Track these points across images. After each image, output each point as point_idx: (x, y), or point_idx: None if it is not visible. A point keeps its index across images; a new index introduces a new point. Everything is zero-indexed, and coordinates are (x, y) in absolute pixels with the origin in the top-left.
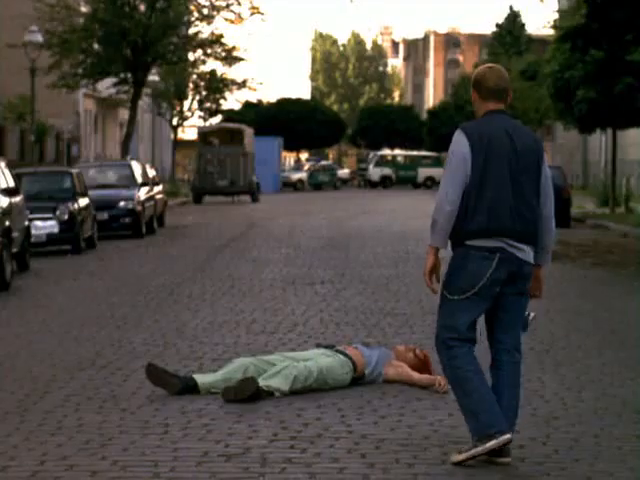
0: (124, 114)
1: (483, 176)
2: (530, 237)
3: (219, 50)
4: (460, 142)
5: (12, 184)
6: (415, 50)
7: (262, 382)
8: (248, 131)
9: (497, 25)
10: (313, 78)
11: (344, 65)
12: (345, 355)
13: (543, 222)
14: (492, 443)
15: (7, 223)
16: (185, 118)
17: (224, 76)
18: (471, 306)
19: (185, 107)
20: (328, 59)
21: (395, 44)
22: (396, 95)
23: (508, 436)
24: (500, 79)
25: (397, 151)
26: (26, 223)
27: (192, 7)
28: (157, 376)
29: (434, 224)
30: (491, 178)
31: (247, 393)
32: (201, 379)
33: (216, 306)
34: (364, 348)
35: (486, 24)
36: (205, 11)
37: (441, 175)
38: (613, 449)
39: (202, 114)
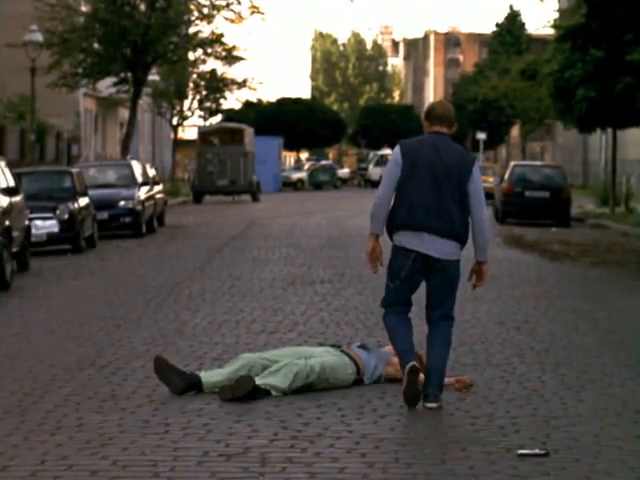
0: (124, 114)
1: (408, 179)
2: (450, 233)
3: (219, 49)
4: (395, 152)
5: (12, 183)
6: (415, 50)
7: (259, 380)
8: (248, 131)
9: (497, 25)
10: (313, 78)
11: (344, 65)
12: (350, 357)
13: (475, 226)
14: (405, 369)
15: (7, 223)
16: (185, 117)
17: (224, 76)
18: (401, 289)
19: (185, 107)
20: (328, 59)
21: (395, 44)
22: (396, 95)
23: (411, 363)
24: (447, 110)
25: None
26: (26, 222)
27: (192, 6)
28: (163, 371)
29: (371, 215)
30: (413, 181)
31: (244, 391)
32: (206, 379)
33: (216, 306)
34: (363, 352)
35: (486, 24)
36: (205, 10)
37: None
38: (613, 449)
39: (202, 114)
